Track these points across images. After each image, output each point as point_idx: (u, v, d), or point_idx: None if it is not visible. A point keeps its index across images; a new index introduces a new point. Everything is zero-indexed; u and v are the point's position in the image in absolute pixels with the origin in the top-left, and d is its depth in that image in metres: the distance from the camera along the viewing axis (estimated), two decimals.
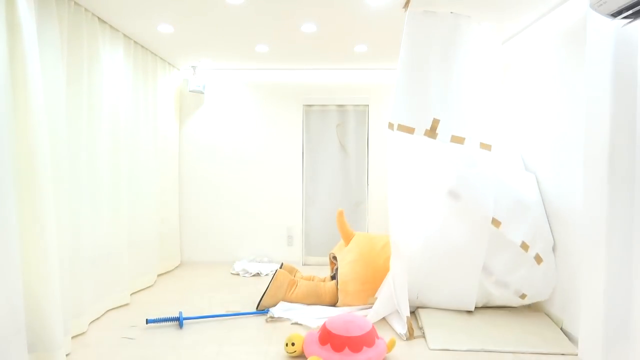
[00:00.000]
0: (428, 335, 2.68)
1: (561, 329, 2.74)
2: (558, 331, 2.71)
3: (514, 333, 2.70)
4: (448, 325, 2.82)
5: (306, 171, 4.77)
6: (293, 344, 2.40)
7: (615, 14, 1.83)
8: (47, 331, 2.27)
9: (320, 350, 2.31)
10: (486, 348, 2.52)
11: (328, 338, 2.32)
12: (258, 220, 4.77)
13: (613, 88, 2.07)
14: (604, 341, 2.12)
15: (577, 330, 2.52)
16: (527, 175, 3.10)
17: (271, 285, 3.19)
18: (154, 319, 2.88)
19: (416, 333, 2.76)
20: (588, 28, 2.20)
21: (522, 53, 3.34)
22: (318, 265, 4.70)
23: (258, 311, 3.13)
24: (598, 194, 2.16)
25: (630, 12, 1.77)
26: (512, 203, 2.85)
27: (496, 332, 2.72)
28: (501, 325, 2.82)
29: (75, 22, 2.74)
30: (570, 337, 2.63)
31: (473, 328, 2.78)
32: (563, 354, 2.46)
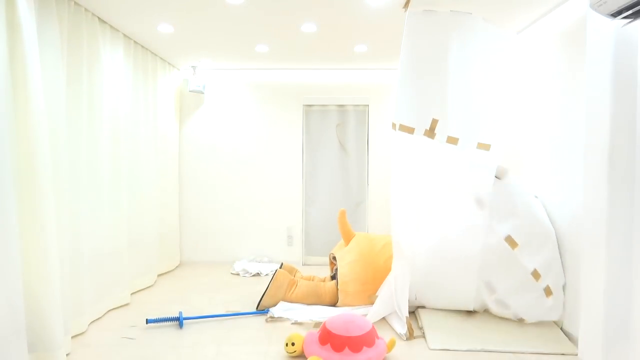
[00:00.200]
0: (428, 335, 2.69)
1: (561, 329, 2.74)
2: (558, 331, 2.71)
3: (514, 333, 2.70)
4: (448, 325, 2.82)
5: (306, 171, 4.77)
6: (293, 344, 2.40)
7: (615, 14, 1.83)
8: (47, 331, 2.27)
9: (320, 350, 2.31)
10: (486, 348, 2.52)
11: (328, 338, 2.32)
12: (258, 220, 4.77)
13: (613, 88, 2.07)
14: (604, 341, 2.12)
15: (577, 330, 2.52)
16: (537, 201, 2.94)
17: (271, 285, 3.19)
18: (154, 319, 2.88)
19: (416, 333, 2.76)
20: (588, 28, 2.20)
21: (522, 53, 3.34)
22: (318, 265, 4.70)
23: (258, 311, 3.13)
24: (598, 194, 2.16)
25: (630, 12, 1.77)
26: (534, 228, 2.73)
27: (496, 332, 2.72)
28: (501, 325, 2.82)
29: (75, 22, 2.74)
30: (570, 337, 2.63)
31: (473, 328, 2.78)
32: (563, 354, 2.46)
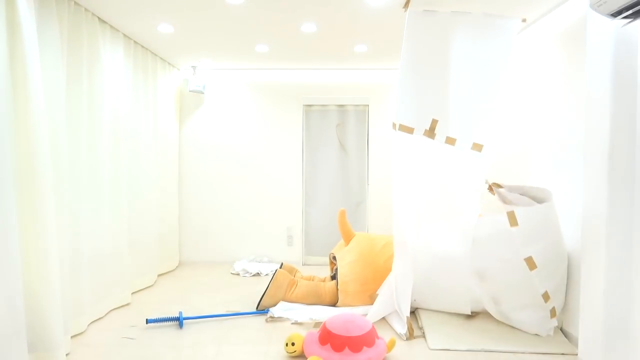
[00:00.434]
0: (428, 335, 2.68)
1: (561, 329, 2.74)
2: (558, 331, 2.71)
3: (514, 333, 2.70)
4: (448, 325, 2.82)
5: (306, 171, 4.77)
6: (293, 344, 2.40)
7: (615, 14, 1.83)
8: (47, 331, 2.27)
9: (320, 350, 2.31)
10: (486, 348, 2.52)
11: (328, 338, 2.32)
12: (258, 220, 4.77)
13: (613, 88, 2.07)
14: (604, 341, 2.12)
15: (577, 330, 2.52)
16: None
17: (271, 285, 3.19)
18: (154, 319, 2.88)
19: (416, 333, 2.76)
20: (588, 28, 2.20)
21: (522, 53, 3.34)
22: (318, 265, 4.70)
23: (258, 311, 3.13)
24: (598, 194, 2.16)
25: (630, 12, 1.77)
26: (554, 252, 2.61)
27: (496, 332, 2.72)
28: (501, 325, 2.82)
29: (75, 22, 2.74)
30: (570, 337, 2.63)
31: (473, 328, 2.79)
32: (563, 354, 2.46)
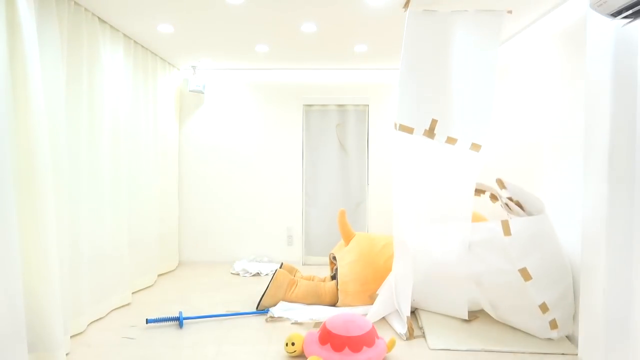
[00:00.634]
0: (428, 335, 2.69)
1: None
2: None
3: (514, 333, 2.70)
4: (448, 325, 2.82)
5: (306, 171, 4.77)
6: (293, 344, 2.40)
7: (615, 14, 1.83)
8: (47, 331, 2.27)
9: (320, 350, 2.31)
10: (486, 348, 2.52)
11: (328, 338, 2.32)
12: (258, 220, 4.77)
13: (613, 88, 2.07)
14: (604, 341, 2.12)
15: (577, 330, 2.52)
16: None
17: (271, 285, 3.19)
18: (154, 319, 2.88)
19: (416, 333, 2.76)
20: (588, 28, 2.20)
21: (522, 53, 3.34)
22: (318, 265, 4.70)
23: (258, 311, 3.13)
24: (598, 194, 2.16)
25: (630, 12, 1.77)
26: (553, 265, 2.56)
27: (496, 332, 2.72)
28: (501, 325, 2.82)
29: (75, 22, 2.74)
30: (570, 337, 2.63)
31: (473, 328, 2.78)
32: (563, 354, 2.46)
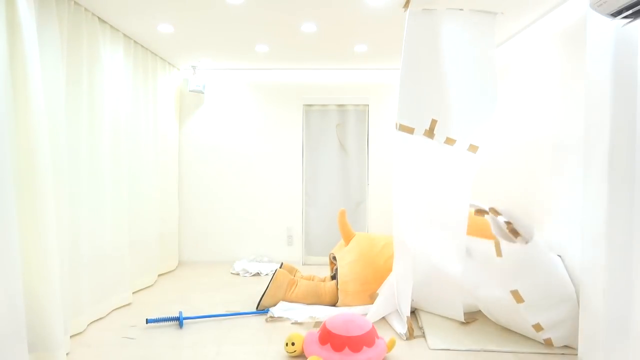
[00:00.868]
0: (428, 335, 2.69)
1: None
2: None
3: (514, 333, 2.70)
4: (448, 325, 2.82)
5: (306, 171, 4.77)
6: (293, 344, 2.40)
7: (615, 14, 1.83)
8: (48, 331, 2.27)
9: (320, 350, 2.31)
10: (486, 348, 2.52)
11: (328, 338, 2.32)
12: (258, 219, 4.77)
13: (613, 88, 2.07)
14: (604, 341, 2.12)
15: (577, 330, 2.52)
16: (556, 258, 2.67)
17: (271, 285, 3.19)
18: (154, 319, 2.88)
19: (416, 333, 2.76)
20: (588, 28, 2.20)
21: (522, 53, 3.34)
22: (318, 265, 4.70)
23: (258, 311, 3.13)
24: (598, 194, 2.16)
25: (630, 12, 1.77)
26: (548, 291, 2.47)
27: (496, 332, 2.72)
28: (501, 325, 2.82)
29: (75, 22, 2.74)
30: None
31: (473, 328, 2.79)
32: (563, 354, 2.46)
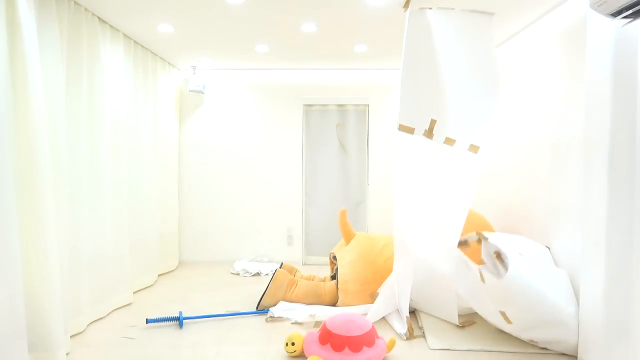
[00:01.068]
0: (428, 335, 2.69)
1: None
2: None
3: None
4: (448, 325, 2.82)
5: (306, 171, 4.77)
6: (293, 344, 2.40)
7: (615, 14, 1.83)
8: (48, 331, 2.27)
9: (320, 350, 2.31)
10: (486, 348, 2.52)
11: (328, 338, 2.32)
12: (258, 219, 4.77)
13: (613, 88, 2.07)
14: (604, 341, 2.12)
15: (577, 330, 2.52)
16: (560, 274, 2.58)
17: (271, 285, 3.19)
18: (154, 319, 2.88)
19: (416, 333, 2.76)
20: (588, 28, 2.20)
21: (522, 53, 3.34)
22: (318, 265, 4.70)
23: (258, 311, 3.13)
24: (598, 194, 2.16)
25: (630, 12, 1.77)
26: (539, 317, 2.35)
27: (496, 332, 2.71)
28: None
29: (75, 22, 2.74)
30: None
31: (473, 328, 2.79)
32: (563, 354, 2.46)
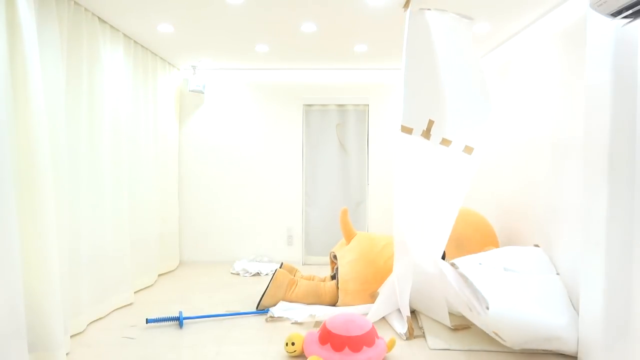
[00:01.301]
0: (428, 335, 2.69)
1: None
2: None
3: None
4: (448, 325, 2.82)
5: (306, 171, 4.77)
6: (293, 344, 2.41)
7: (615, 14, 1.83)
8: (48, 331, 2.27)
9: (320, 350, 2.31)
10: (486, 348, 2.52)
11: (328, 338, 2.32)
12: (258, 219, 4.77)
13: (613, 88, 2.07)
14: (604, 341, 2.12)
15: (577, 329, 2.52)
16: (550, 281, 2.58)
17: (271, 284, 3.19)
18: (154, 319, 2.88)
19: (416, 333, 2.76)
20: (588, 28, 2.20)
21: (522, 53, 3.34)
22: (318, 265, 4.70)
23: (258, 311, 3.13)
24: (598, 194, 2.16)
25: (630, 12, 1.77)
26: (531, 337, 2.33)
27: None
28: None
29: (75, 22, 2.74)
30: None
31: (473, 328, 2.78)
32: (563, 355, 2.46)
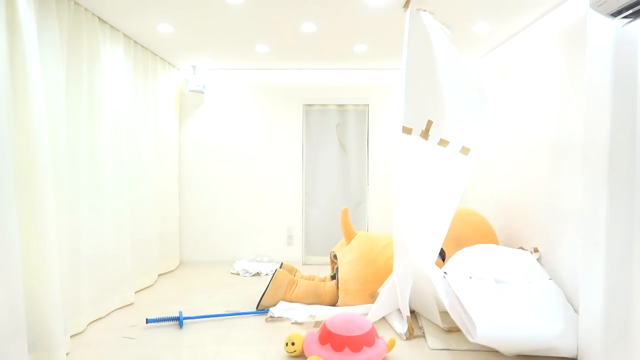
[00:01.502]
0: (428, 335, 2.69)
1: None
2: None
3: None
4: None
5: (306, 171, 4.77)
6: (293, 344, 2.41)
7: (615, 14, 1.83)
8: (48, 331, 2.27)
9: (320, 350, 2.31)
10: (486, 348, 2.52)
11: (328, 338, 2.32)
12: (258, 219, 4.77)
13: (613, 88, 2.07)
14: (604, 341, 2.12)
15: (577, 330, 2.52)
16: (543, 288, 2.58)
17: (271, 284, 3.19)
18: (154, 319, 2.88)
19: (416, 333, 2.76)
20: (588, 28, 2.20)
21: (522, 53, 3.34)
22: (318, 265, 4.70)
23: (258, 311, 3.13)
24: (598, 194, 2.16)
25: (630, 12, 1.77)
26: (532, 346, 2.33)
27: None
28: None
29: (75, 22, 2.74)
30: None
31: None
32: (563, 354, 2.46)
